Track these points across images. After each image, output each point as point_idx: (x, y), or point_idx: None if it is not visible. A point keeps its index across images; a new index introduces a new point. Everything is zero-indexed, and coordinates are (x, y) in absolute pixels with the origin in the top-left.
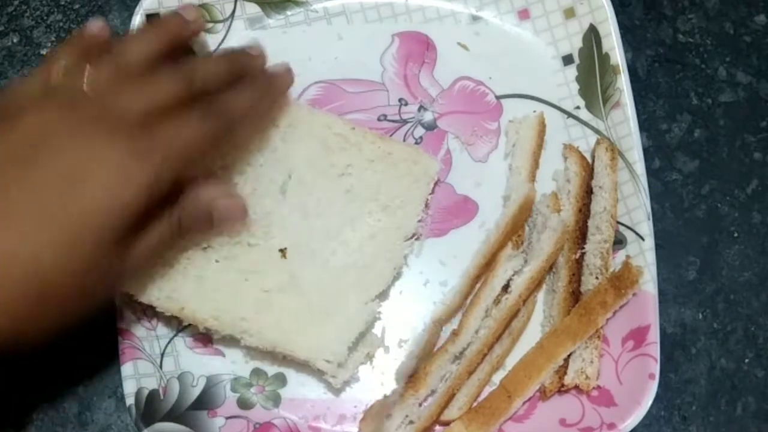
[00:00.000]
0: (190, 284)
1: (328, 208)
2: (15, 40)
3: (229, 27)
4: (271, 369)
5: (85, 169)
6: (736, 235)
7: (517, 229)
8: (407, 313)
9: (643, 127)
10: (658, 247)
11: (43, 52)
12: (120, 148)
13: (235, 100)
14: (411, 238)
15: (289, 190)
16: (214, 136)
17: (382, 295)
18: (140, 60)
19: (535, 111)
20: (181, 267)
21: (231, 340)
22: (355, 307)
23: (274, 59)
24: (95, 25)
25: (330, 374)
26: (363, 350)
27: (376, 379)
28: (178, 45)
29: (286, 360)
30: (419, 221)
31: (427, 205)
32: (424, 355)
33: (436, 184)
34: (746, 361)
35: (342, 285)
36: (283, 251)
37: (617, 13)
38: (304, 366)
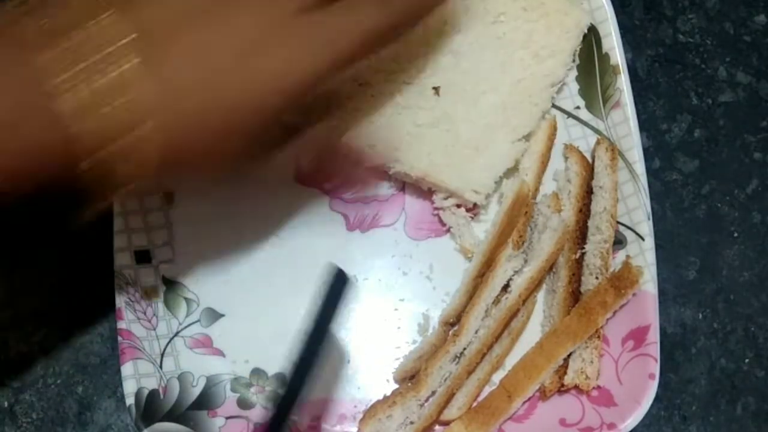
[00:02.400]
0: (348, 115)
1: (479, 52)
2: None
3: None
4: (271, 369)
5: (272, 35)
6: (736, 235)
7: (514, 224)
8: (407, 314)
9: (643, 127)
10: (658, 247)
11: None
12: (302, 26)
13: None
14: (558, 84)
15: (443, 33)
16: (392, 29)
17: (528, 137)
18: None
19: None
20: (339, 99)
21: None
22: (503, 145)
23: None
24: None
25: (478, 204)
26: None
27: (377, 380)
28: None
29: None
30: (568, 70)
31: (575, 56)
32: (427, 356)
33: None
34: (746, 361)
35: (491, 123)
36: (436, 89)
37: (617, 14)
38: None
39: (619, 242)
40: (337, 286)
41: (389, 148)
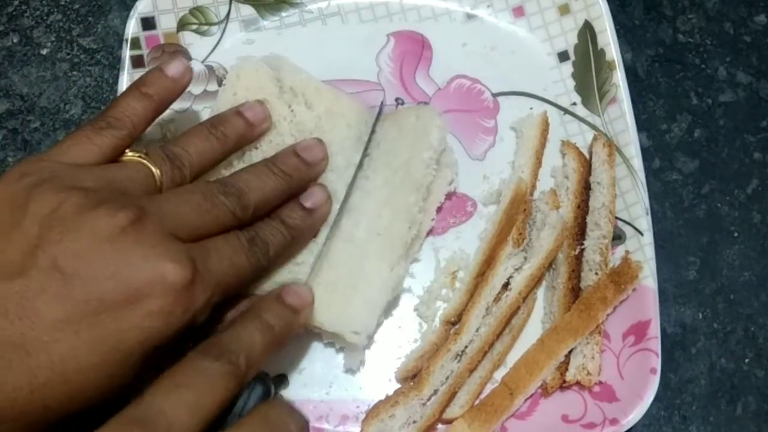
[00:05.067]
0: None
1: (342, 189)
2: (15, 40)
3: (224, 29)
4: (272, 371)
5: (141, 290)
6: (736, 235)
7: (513, 222)
8: (408, 313)
9: (643, 127)
10: (659, 247)
11: (44, 52)
12: (176, 274)
13: (277, 241)
14: (423, 187)
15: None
16: (260, 267)
17: (406, 258)
18: (203, 165)
19: (531, 108)
20: None
21: None
22: (381, 276)
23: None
24: (175, 68)
25: (359, 346)
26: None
27: (379, 380)
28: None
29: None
30: (434, 170)
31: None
32: (428, 355)
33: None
34: (746, 361)
35: (367, 254)
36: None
37: (617, 14)
38: (304, 367)
39: (618, 238)
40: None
41: (272, 284)
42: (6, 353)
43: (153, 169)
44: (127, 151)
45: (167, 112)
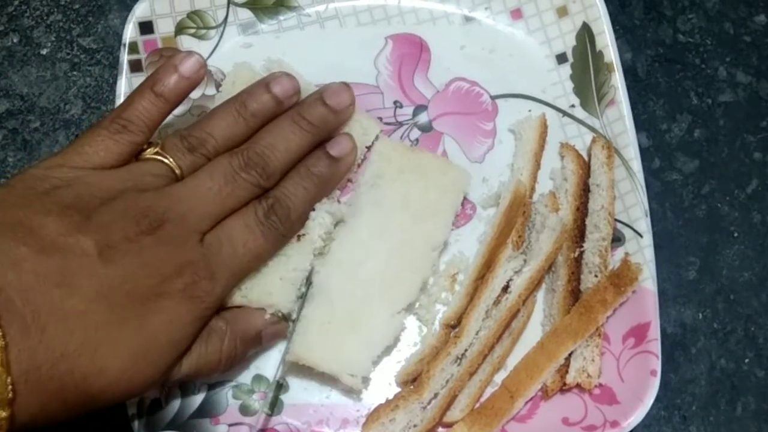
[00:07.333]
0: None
1: (356, 218)
2: (15, 40)
3: (222, 33)
4: (272, 375)
5: (163, 284)
6: (736, 235)
7: (512, 224)
8: (408, 317)
9: (643, 127)
10: (658, 247)
11: (44, 52)
12: (194, 273)
13: (299, 200)
14: (439, 248)
15: (319, 201)
16: (279, 238)
17: (409, 308)
18: (228, 147)
19: (530, 110)
20: None
21: None
22: (382, 320)
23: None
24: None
25: (354, 388)
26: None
27: (379, 383)
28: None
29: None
30: (450, 231)
31: (456, 216)
32: (428, 359)
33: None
34: (746, 361)
35: (369, 296)
36: (299, 237)
37: (617, 14)
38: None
39: (617, 240)
40: None
41: (262, 293)
42: (42, 318)
43: (172, 165)
44: (144, 147)
45: None
